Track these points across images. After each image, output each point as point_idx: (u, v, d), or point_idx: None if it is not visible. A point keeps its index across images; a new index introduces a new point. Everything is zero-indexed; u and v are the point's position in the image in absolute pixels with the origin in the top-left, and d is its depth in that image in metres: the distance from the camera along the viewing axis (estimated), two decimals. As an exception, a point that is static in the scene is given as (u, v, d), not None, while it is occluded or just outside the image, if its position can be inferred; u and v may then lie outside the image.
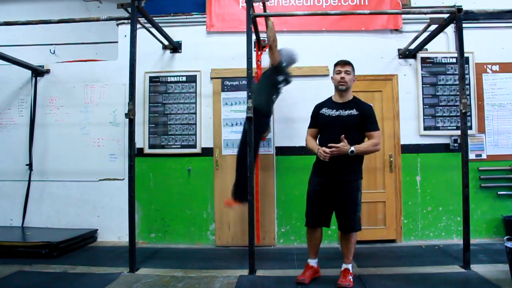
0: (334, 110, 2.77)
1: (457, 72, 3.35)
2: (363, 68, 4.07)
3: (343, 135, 2.61)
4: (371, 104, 2.81)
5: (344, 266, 2.73)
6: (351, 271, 2.72)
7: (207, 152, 4.11)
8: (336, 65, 2.86)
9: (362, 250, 3.55)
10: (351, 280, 2.66)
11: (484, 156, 4.05)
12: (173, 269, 3.12)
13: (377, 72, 4.11)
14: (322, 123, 2.82)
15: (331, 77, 2.91)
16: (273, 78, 3.52)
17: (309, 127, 2.96)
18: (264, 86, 3.53)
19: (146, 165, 4.13)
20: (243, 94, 3.88)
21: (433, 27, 3.55)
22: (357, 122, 2.71)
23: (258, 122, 3.26)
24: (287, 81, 3.62)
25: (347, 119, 2.71)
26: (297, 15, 3.62)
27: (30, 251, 3.45)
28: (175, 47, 4.21)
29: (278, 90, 3.59)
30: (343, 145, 2.61)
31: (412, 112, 4.07)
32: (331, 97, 2.92)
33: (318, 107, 2.91)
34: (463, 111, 3.04)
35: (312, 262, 2.80)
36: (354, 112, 2.72)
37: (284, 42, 3.92)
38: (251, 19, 3.14)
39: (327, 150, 2.63)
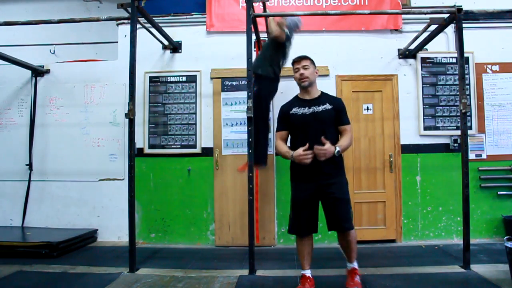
0: (307, 108, 2.63)
1: (457, 72, 3.35)
2: (363, 68, 4.10)
3: (323, 137, 2.44)
4: (340, 97, 2.75)
5: (350, 265, 2.62)
6: (358, 270, 2.61)
7: (207, 152, 4.12)
8: (293, 63, 2.74)
9: (362, 250, 3.54)
10: (359, 281, 2.56)
11: (484, 156, 4.06)
12: (173, 269, 3.12)
13: (377, 72, 4.11)
14: (297, 123, 2.63)
15: (294, 77, 2.74)
16: (279, 46, 3.46)
17: (278, 130, 2.75)
18: (269, 54, 3.47)
19: (146, 165, 4.14)
20: (243, 94, 3.89)
21: (433, 27, 3.55)
22: (333, 116, 2.59)
23: (270, 88, 3.41)
24: (289, 40, 3.54)
25: (323, 114, 2.58)
26: (297, 15, 3.61)
27: (30, 251, 3.45)
28: (175, 47, 4.22)
29: (285, 55, 3.52)
30: (329, 147, 2.43)
31: (412, 112, 4.07)
32: (296, 95, 2.77)
33: (286, 107, 2.73)
34: (463, 111, 3.04)
35: (308, 273, 2.62)
36: (328, 106, 2.60)
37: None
38: (251, 19, 3.14)
39: (301, 151, 2.45)
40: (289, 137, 2.76)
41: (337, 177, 2.58)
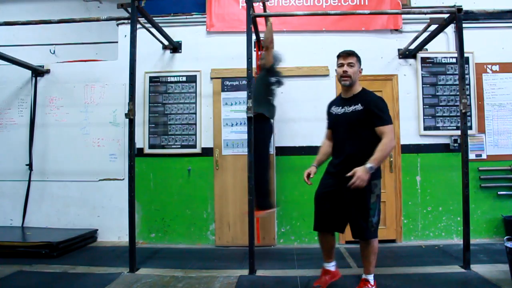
0: (340, 107, 2.53)
1: (457, 72, 3.35)
2: (363, 68, 4.08)
3: (349, 174, 2.23)
4: (381, 96, 2.50)
5: (364, 275, 2.49)
6: (370, 283, 2.45)
7: (207, 152, 4.12)
8: (338, 57, 2.53)
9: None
10: None
11: (484, 156, 4.05)
12: (173, 269, 3.12)
13: (377, 72, 4.11)
14: (332, 123, 2.60)
15: (335, 70, 2.58)
16: (266, 80, 3.48)
17: (327, 127, 2.72)
18: (259, 89, 3.44)
19: (146, 165, 4.13)
20: (243, 94, 3.88)
21: (433, 27, 3.55)
22: (362, 118, 2.38)
23: (268, 128, 3.46)
24: (279, 83, 3.59)
25: (352, 115, 2.42)
26: (297, 15, 3.62)
27: (30, 251, 3.45)
28: (175, 47, 4.21)
29: (272, 92, 3.54)
30: (358, 173, 2.21)
31: (412, 112, 4.07)
32: (340, 93, 2.64)
33: (329, 106, 2.68)
34: (463, 111, 3.03)
35: (328, 266, 2.57)
36: (358, 107, 2.40)
37: (284, 42, 3.94)
38: (251, 19, 3.14)
39: (305, 175, 2.54)
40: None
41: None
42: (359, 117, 2.40)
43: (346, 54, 2.48)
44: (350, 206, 2.39)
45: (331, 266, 2.60)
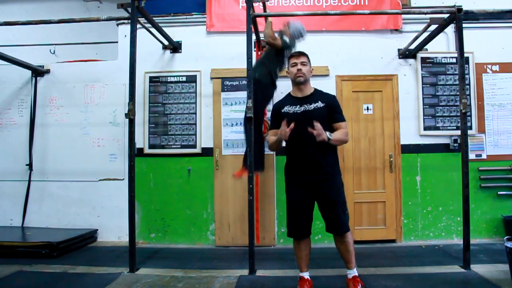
0: (298, 106, 2.57)
1: (457, 72, 3.35)
2: (363, 68, 4.10)
3: (310, 129, 2.37)
4: (334, 94, 2.66)
5: (351, 273, 2.53)
6: (359, 278, 2.52)
7: (207, 152, 4.12)
8: (290, 57, 2.70)
9: (362, 250, 3.55)
10: None
11: (484, 156, 4.05)
12: (173, 269, 3.12)
13: (377, 72, 4.11)
14: (287, 122, 2.54)
15: (286, 71, 2.74)
16: (278, 54, 3.43)
17: (270, 128, 2.74)
18: (268, 59, 3.45)
19: (146, 165, 4.13)
20: (243, 94, 3.89)
21: (433, 27, 3.55)
22: (325, 114, 2.52)
23: (265, 93, 3.40)
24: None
25: (315, 113, 2.51)
26: (297, 15, 3.62)
27: (30, 251, 3.45)
28: (175, 47, 4.22)
29: (284, 63, 3.45)
30: (320, 128, 2.36)
31: (412, 112, 4.07)
32: (289, 93, 2.72)
33: (278, 106, 2.69)
34: (463, 111, 3.04)
35: (307, 275, 2.58)
36: (320, 104, 2.54)
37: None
38: (251, 19, 3.14)
39: (284, 126, 2.43)
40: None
41: (332, 178, 2.52)
42: (323, 114, 2.52)
43: (299, 54, 2.67)
44: (329, 203, 2.49)
45: (308, 274, 2.60)
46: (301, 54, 2.67)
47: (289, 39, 3.40)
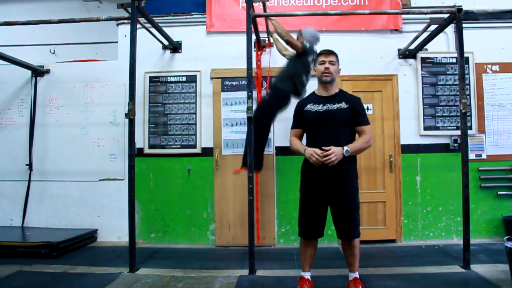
0: (321, 105, 2.51)
1: (457, 72, 3.35)
2: (363, 68, 4.10)
3: (327, 148, 2.36)
4: (359, 97, 2.60)
5: (352, 275, 2.53)
6: (360, 280, 2.51)
7: (207, 152, 4.12)
8: (319, 54, 2.62)
9: (362, 250, 3.49)
10: None
11: (484, 156, 4.06)
12: (173, 269, 3.12)
13: (377, 72, 4.11)
14: (310, 120, 2.54)
15: (313, 68, 2.70)
16: (303, 60, 3.37)
17: (292, 127, 2.68)
18: (292, 69, 3.39)
19: (146, 165, 4.13)
20: (243, 94, 3.88)
21: (433, 27, 3.55)
22: (348, 116, 2.47)
23: (282, 101, 3.36)
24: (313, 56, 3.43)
25: (337, 113, 2.47)
26: (297, 15, 3.62)
27: (30, 251, 3.45)
28: (175, 47, 4.22)
29: (309, 70, 3.38)
30: (334, 149, 2.35)
31: (412, 112, 4.07)
32: (313, 92, 2.67)
33: (302, 104, 2.64)
34: (463, 111, 3.04)
35: (308, 275, 2.58)
36: (343, 105, 2.48)
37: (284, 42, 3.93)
38: (251, 19, 3.14)
39: (319, 152, 2.37)
40: (305, 135, 2.67)
41: (347, 180, 2.46)
42: (346, 115, 2.48)
43: (328, 52, 2.59)
44: (341, 208, 2.45)
45: (309, 274, 2.60)
46: (331, 52, 2.59)
47: (307, 43, 3.39)
